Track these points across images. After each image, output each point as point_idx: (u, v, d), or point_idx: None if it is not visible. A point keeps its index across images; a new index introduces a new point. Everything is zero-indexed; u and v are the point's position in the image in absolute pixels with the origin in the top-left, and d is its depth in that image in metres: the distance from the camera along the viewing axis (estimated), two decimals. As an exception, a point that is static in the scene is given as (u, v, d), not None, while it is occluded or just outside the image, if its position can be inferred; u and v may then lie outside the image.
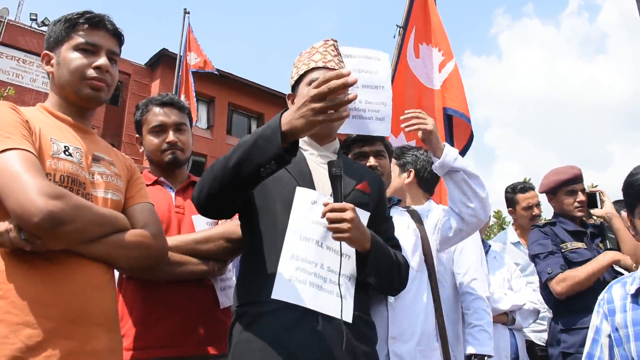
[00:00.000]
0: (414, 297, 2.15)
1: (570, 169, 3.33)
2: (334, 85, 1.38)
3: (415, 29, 4.40)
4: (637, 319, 1.74)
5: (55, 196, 1.38)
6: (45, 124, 1.61)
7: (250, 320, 1.64)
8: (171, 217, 2.13)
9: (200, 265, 1.99)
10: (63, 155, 1.57)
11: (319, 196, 1.73)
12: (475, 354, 2.55)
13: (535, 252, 3.11)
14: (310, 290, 1.61)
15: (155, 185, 2.25)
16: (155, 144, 2.24)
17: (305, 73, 1.92)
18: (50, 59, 1.72)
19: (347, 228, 1.58)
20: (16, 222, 1.39)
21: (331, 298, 1.63)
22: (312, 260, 1.65)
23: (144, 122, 2.29)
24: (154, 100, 2.32)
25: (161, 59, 18.76)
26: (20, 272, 1.43)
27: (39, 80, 16.55)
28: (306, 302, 1.59)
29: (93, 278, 1.54)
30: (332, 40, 2.01)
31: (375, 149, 2.43)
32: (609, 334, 1.83)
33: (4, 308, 1.37)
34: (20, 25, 17.41)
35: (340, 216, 1.59)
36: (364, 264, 1.71)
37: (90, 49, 1.69)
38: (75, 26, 1.70)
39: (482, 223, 2.27)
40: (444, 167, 2.19)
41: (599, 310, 1.90)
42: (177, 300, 1.98)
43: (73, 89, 1.68)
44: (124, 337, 1.96)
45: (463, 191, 2.20)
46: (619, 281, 1.89)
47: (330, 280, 1.65)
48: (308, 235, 1.68)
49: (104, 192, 1.65)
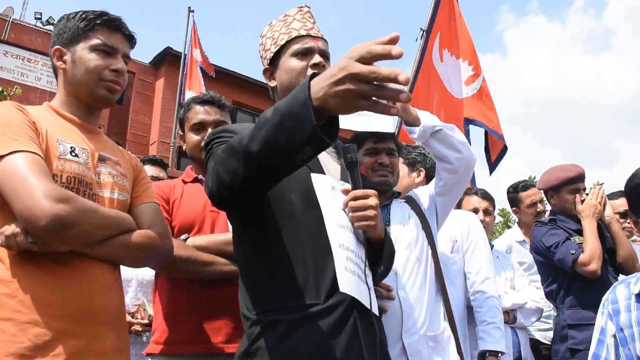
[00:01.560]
0: (419, 288, 2.16)
1: (575, 167, 3.31)
2: (385, 74, 1.04)
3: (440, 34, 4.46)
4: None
5: (61, 199, 1.39)
6: (52, 124, 1.62)
7: (287, 329, 1.38)
8: (205, 215, 2.14)
9: (229, 266, 2.00)
10: (69, 156, 1.57)
11: (334, 181, 1.57)
12: (490, 350, 2.57)
13: (550, 243, 3.09)
14: (357, 281, 1.44)
15: (195, 182, 2.29)
16: (195, 141, 2.30)
17: (287, 43, 1.72)
18: (62, 54, 1.72)
19: (373, 215, 1.47)
20: (23, 225, 1.40)
21: (367, 291, 1.47)
22: (353, 249, 1.48)
23: (186, 120, 2.36)
24: (196, 98, 2.39)
25: (165, 57, 18.76)
26: (28, 272, 1.44)
27: (44, 79, 16.59)
28: (359, 295, 1.42)
29: (100, 278, 1.55)
30: (307, 7, 1.82)
31: (387, 147, 2.42)
32: (614, 334, 1.84)
33: (12, 307, 1.39)
34: (25, 24, 17.45)
35: (365, 203, 1.47)
36: (378, 253, 1.61)
37: (107, 51, 1.71)
38: (94, 27, 1.71)
39: (473, 162, 2.30)
40: (427, 131, 2.18)
41: (604, 311, 1.90)
42: (206, 298, 2.01)
43: (88, 88, 1.69)
44: (155, 330, 2.06)
45: (451, 145, 2.20)
46: (623, 282, 1.90)
47: (364, 271, 1.49)
48: (342, 223, 1.49)
49: (110, 192, 1.66)
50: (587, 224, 3.08)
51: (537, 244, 3.21)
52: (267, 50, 1.79)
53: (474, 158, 2.29)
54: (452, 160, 2.22)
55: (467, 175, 2.32)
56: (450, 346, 2.16)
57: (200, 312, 2.01)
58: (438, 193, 2.37)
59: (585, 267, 2.93)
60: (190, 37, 12.66)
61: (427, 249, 2.27)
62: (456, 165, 2.22)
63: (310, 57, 1.69)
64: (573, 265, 2.97)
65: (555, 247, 3.07)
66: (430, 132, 2.19)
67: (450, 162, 2.23)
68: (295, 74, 1.68)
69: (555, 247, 3.06)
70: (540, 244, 3.18)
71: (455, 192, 2.37)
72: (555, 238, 3.10)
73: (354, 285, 1.41)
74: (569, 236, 3.10)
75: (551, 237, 3.13)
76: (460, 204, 3.45)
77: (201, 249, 1.99)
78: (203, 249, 1.99)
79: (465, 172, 2.28)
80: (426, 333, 2.10)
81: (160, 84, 18.82)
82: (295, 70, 1.68)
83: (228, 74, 19.39)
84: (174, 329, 2.02)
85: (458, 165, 2.22)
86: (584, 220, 3.11)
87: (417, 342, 2.08)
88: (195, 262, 1.95)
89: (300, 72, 1.67)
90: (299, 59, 1.68)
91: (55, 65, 1.74)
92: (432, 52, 4.45)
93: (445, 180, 2.30)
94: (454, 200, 2.44)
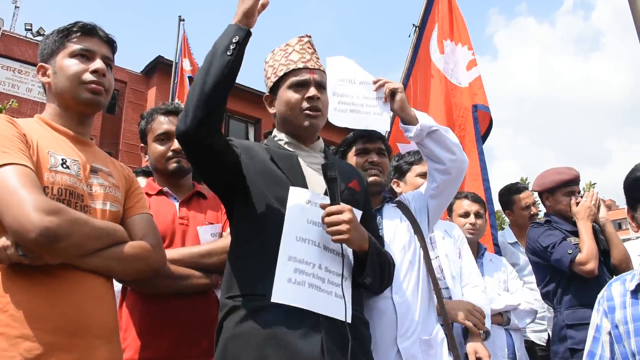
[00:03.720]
0: (412, 292, 2.16)
1: (570, 170, 3.35)
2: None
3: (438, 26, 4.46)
4: (637, 315, 1.75)
5: (51, 212, 1.39)
6: (43, 137, 1.62)
7: (246, 314, 1.59)
8: (175, 228, 2.12)
9: (204, 279, 1.99)
10: (60, 168, 1.57)
11: (312, 195, 1.73)
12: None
13: (547, 243, 3.12)
14: (309, 291, 1.60)
15: (160, 195, 2.24)
16: (160, 152, 2.25)
17: (285, 75, 1.88)
18: (45, 70, 1.73)
19: (346, 229, 1.61)
20: (13, 238, 1.40)
21: (330, 299, 1.63)
22: (310, 261, 1.65)
23: (149, 131, 2.31)
24: (159, 109, 2.35)
25: (157, 66, 18.75)
26: (19, 285, 1.43)
27: (35, 90, 16.53)
28: (306, 304, 1.58)
29: (92, 290, 1.54)
30: (307, 37, 1.97)
31: (377, 146, 2.45)
32: (609, 331, 1.84)
33: (3, 321, 1.38)
34: (15, 35, 17.40)
35: (338, 219, 1.61)
36: (362, 264, 1.73)
37: (85, 55, 1.72)
38: (69, 35, 1.73)
39: (465, 164, 2.32)
40: (424, 130, 2.21)
41: (599, 308, 1.91)
42: (181, 312, 1.98)
43: (72, 94, 1.69)
44: (127, 347, 1.97)
45: (445, 146, 2.23)
46: (619, 279, 1.91)
47: (328, 280, 1.66)
48: (304, 236, 1.67)
49: (102, 204, 1.65)
50: (583, 225, 3.11)
51: (534, 245, 3.23)
52: (268, 78, 1.96)
53: (466, 160, 2.32)
54: (445, 161, 2.24)
55: (459, 177, 2.34)
56: (443, 349, 2.16)
57: (175, 326, 1.97)
58: (431, 195, 2.38)
59: (582, 266, 2.95)
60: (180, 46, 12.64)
61: (419, 252, 2.28)
62: (449, 166, 2.25)
63: (306, 90, 1.86)
64: (570, 265, 2.99)
65: (552, 247, 3.09)
66: (426, 132, 2.22)
67: (442, 163, 2.25)
68: (291, 105, 1.86)
69: (552, 248, 3.09)
70: (536, 244, 3.19)
71: (447, 195, 2.39)
72: (552, 239, 3.12)
73: (298, 296, 1.57)
74: (565, 237, 3.12)
75: (548, 237, 3.15)
76: (452, 208, 3.45)
77: (176, 263, 1.95)
78: (178, 263, 1.95)
79: (457, 173, 2.30)
80: (420, 337, 2.11)
81: (152, 93, 18.79)
82: (292, 103, 1.86)
83: (220, 82, 19.36)
84: (149, 344, 1.97)
85: (450, 166, 2.25)
86: (579, 221, 3.14)
87: (412, 346, 2.08)
88: (171, 276, 1.91)
89: (295, 104, 1.85)
90: (295, 91, 1.86)
91: (42, 82, 1.75)
92: (428, 46, 4.45)
93: (437, 182, 2.31)
94: (445, 203, 2.46)
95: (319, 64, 1.94)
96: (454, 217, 3.40)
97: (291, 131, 1.90)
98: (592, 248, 2.98)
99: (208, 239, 2.12)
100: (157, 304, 1.98)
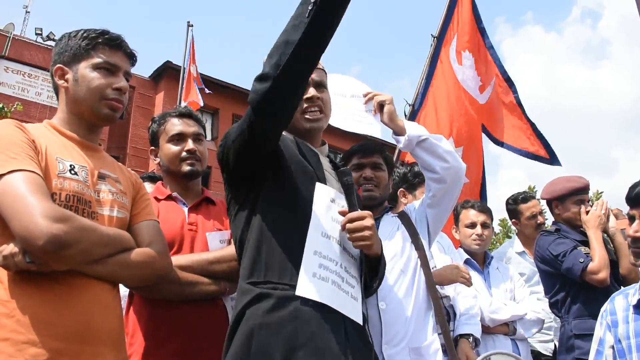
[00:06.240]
0: (402, 299, 2.16)
1: (580, 178, 3.34)
2: None
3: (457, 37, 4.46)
4: (639, 330, 1.75)
5: (59, 219, 1.39)
6: (51, 142, 1.62)
7: (276, 303, 1.51)
8: (184, 234, 2.11)
9: (212, 286, 1.98)
10: (69, 174, 1.58)
11: (336, 194, 1.72)
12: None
13: (558, 252, 3.09)
14: (332, 288, 1.57)
15: (169, 200, 2.23)
16: (174, 152, 2.24)
17: None
18: (64, 73, 1.72)
19: (369, 235, 1.60)
20: (21, 245, 1.40)
21: (347, 299, 1.61)
22: (333, 259, 1.62)
23: (161, 133, 2.31)
24: (171, 112, 2.35)
25: (165, 71, 18.86)
26: (26, 291, 1.43)
27: (44, 94, 16.67)
28: (329, 301, 1.54)
29: (99, 297, 1.55)
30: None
31: (372, 161, 2.45)
32: (612, 345, 1.84)
33: (10, 327, 1.38)
34: (25, 40, 17.56)
35: (362, 224, 1.60)
36: (374, 269, 1.74)
37: (109, 69, 1.72)
38: (96, 45, 1.72)
39: (462, 172, 2.31)
40: (412, 141, 2.22)
41: (602, 322, 1.90)
42: (188, 319, 1.96)
43: (91, 107, 1.69)
44: (133, 353, 1.96)
45: (437, 154, 2.23)
46: (621, 293, 1.91)
47: (346, 281, 1.64)
48: (329, 233, 1.65)
49: (109, 210, 1.66)
50: (593, 234, 3.08)
51: (544, 253, 3.20)
52: None
53: (462, 167, 2.31)
54: (438, 170, 2.24)
55: (456, 185, 2.33)
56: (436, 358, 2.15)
57: (182, 333, 1.95)
58: (428, 205, 2.38)
59: (594, 275, 2.92)
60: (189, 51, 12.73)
61: (415, 261, 2.28)
62: (442, 174, 2.25)
63: (305, 91, 1.81)
64: (582, 274, 2.96)
65: (562, 255, 3.06)
66: (415, 142, 2.23)
67: (435, 172, 2.25)
68: None
69: (563, 256, 3.06)
70: (547, 252, 3.16)
71: (445, 204, 2.38)
72: (563, 247, 3.09)
73: (322, 292, 1.53)
74: (576, 245, 3.10)
75: (558, 245, 3.12)
76: (458, 218, 3.44)
77: (184, 269, 1.93)
78: (187, 269, 1.94)
79: (453, 181, 2.29)
80: (409, 345, 2.10)
81: (160, 98, 18.89)
82: None
83: (228, 87, 19.47)
84: (156, 351, 1.95)
85: (444, 174, 2.25)
86: (590, 230, 3.11)
87: (398, 354, 2.08)
88: (178, 283, 1.89)
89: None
90: None
91: (57, 84, 1.74)
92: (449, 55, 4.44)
93: (433, 191, 2.32)
94: (445, 212, 2.44)
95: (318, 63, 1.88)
96: (461, 227, 3.40)
97: (295, 134, 1.88)
98: (604, 257, 2.95)
99: (217, 245, 2.11)
100: (165, 310, 1.97)
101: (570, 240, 3.14)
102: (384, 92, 2.37)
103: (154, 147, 2.37)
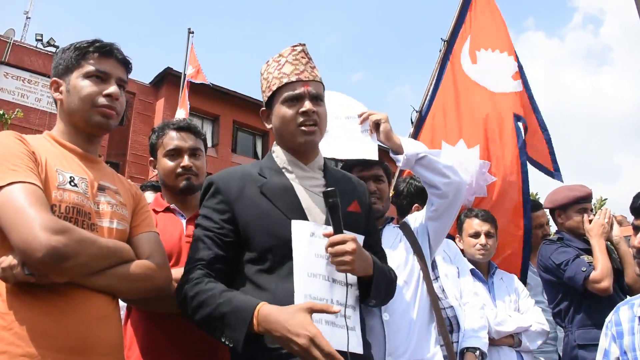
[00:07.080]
0: (404, 311, 2.15)
1: (583, 187, 3.33)
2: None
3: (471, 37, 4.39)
4: None
5: (58, 231, 1.38)
6: (51, 154, 1.62)
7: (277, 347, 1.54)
8: (182, 246, 2.09)
9: None
10: (68, 186, 1.57)
11: (315, 227, 1.67)
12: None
13: (560, 260, 3.07)
14: (326, 328, 1.53)
15: (167, 212, 2.22)
16: (170, 168, 2.23)
17: (279, 89, 1.81)
18: (59, 86, 1.73)
19: (350, 260, 1.57)
20: (20, 257, 1.39)
21: (343, 334, 1.58)
22: (324, 297, 1.60)
23: (159, 146, 2.29)
24: (171, 124, 2.33)
25: (166, 77, 18.90)
26: (24, 303, 1.42)
27: (44, 100, 16.68)
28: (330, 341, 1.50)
29: (97, 309, 1.53)
30: (301, 46, 1.88)
31: (373, 173, 2.44)
32: (617, 357, 1.82)
33: (7, 339, 1.37)
34: (25, 45, 17.60)
35: (342, 249, 1.56)
36: (367, 289, 1.71)
37: (100, 76, 1.70)
38: (86, 54, 1.71)
39: (463, 186, 2.33)
40: (411, 159, 2.21)
41: (607, 333, 1.89)
42: (186, 332, 1.94)
43: (83, 116, 1.68)
44: None
45: (437, 170, 2.23)
46: (626, 303, 1.89)
47: (341, 314, 1.61)
48: (315, 271, 1.62)
49: (109, 222, 1.65)
50: (596, 242, 3.07)
51: (546, 262, 3.18)
52: (263, 92, 1.90)
53: (462, 182, 2.32)
54: (440, 186, 2.24)
55: (457, 199, 2.33)
56: None
57: (180, 346, 1.94)
58: (429, 218, 2.38)
59: (597, 284, 2.91)
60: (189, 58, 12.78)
61: (417, 272, 2.27)
62: (444, 190, 2.25)
63: (300, 104, 1.79)
64: (584, 283, 2.95)
65: (565, 264, 3.05)
66: (414, 160, 2.22)
67: (438, 188, 2.25)
68: (286, 121, 1.80)
69: (566, 265, 3.04)
70: (549, 261, 3.15)
71: (447, 217, 2.38)
72: (565, 255, 3.08)
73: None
74: (579, 254, 3.08)
75: (561, 254, 3.11)
76: (462, 227, 3.41)
77: None
78: None
79: (455, 196, 2.29)
80: (412, 357, 2.09)
81: (161, 104, 18.92)
82: (286, 118, 1.80)
83: (228, 94, 19.51)
84: None
85: (446, 190, 2.25)
86: (593, 239, 3.10)
87: None
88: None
89: (290, 120, 1.79)
90: (289, 107, 1.80)
91: (54, 97, 1.75)
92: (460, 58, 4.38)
93: (436, 205, 2.31)
94: (446, 225, 2.44)
95: (314, 74, 1.85)
96: (464, 237, 3.37)
97: (288, 147, 1.85)
98: (607, 265, 2.94)
99: None
100: (162, 323, 1.95)
101: (573, 248, 3.13)
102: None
103: (153, 158, 2.36)
